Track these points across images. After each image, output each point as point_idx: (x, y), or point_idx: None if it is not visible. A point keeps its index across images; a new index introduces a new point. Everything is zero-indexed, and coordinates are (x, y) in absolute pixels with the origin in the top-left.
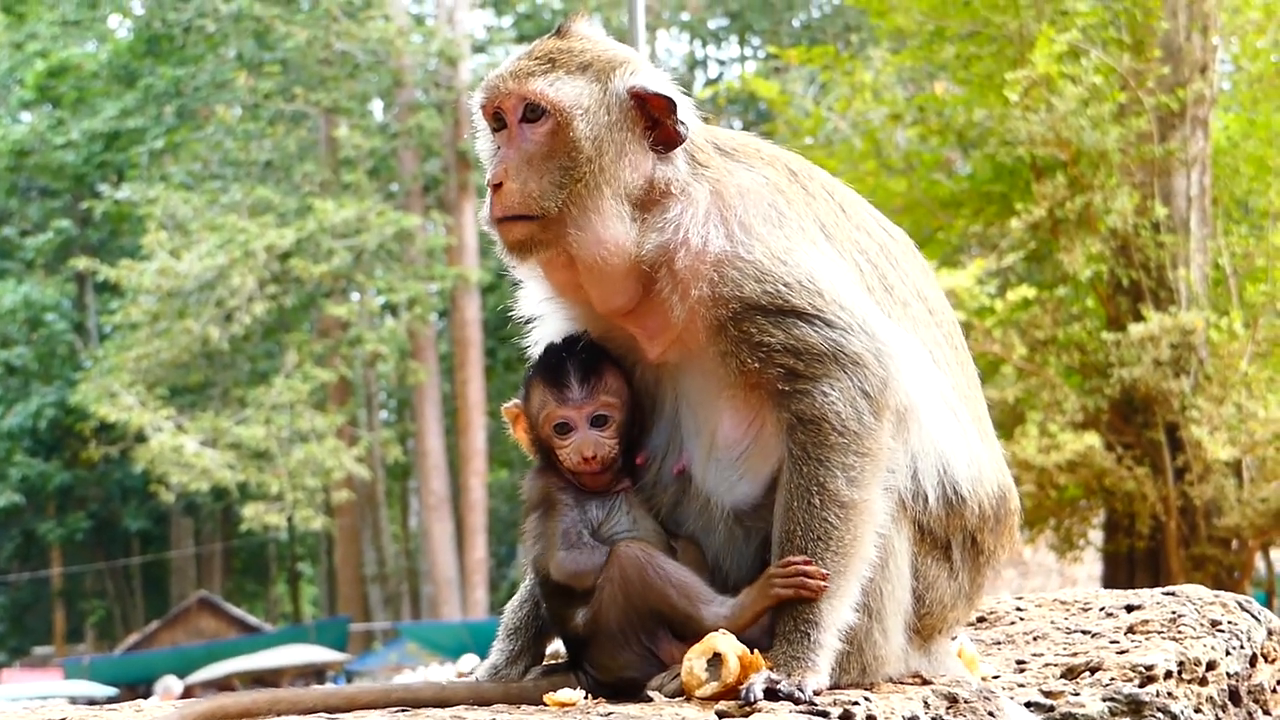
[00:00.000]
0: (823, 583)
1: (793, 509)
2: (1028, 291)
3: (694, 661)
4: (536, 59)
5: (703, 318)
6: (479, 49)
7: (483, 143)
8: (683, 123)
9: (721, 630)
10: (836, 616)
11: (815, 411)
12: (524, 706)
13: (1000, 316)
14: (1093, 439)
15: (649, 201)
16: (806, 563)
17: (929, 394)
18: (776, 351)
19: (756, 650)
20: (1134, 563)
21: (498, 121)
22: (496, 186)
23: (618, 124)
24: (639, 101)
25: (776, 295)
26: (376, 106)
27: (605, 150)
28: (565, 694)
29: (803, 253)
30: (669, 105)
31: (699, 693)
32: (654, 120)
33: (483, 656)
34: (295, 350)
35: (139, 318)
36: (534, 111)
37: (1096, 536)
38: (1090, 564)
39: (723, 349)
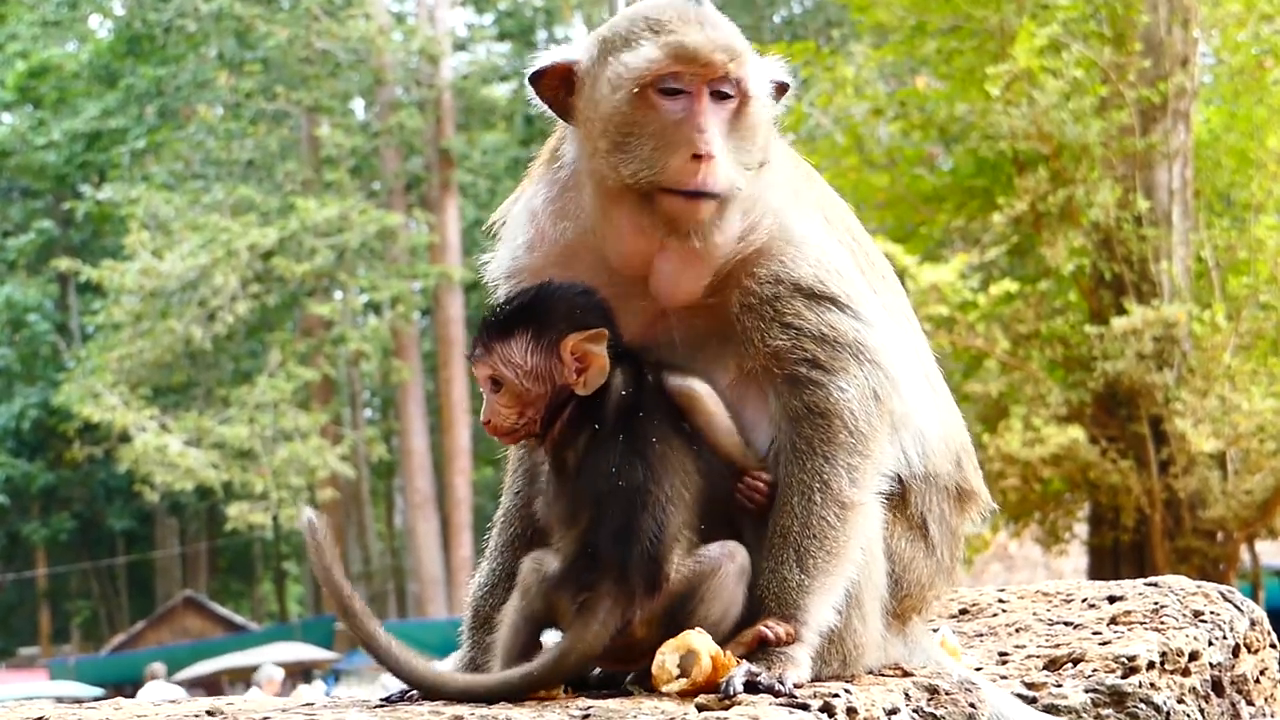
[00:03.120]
0: (785, 648)
1: (791, 504)
2: (1010, 286)
3: (666, 656)
4: (725, 29)
5: (748, 291)
6: (460, 47)
7: (619, 107)
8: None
9: (699, 629)
10: (820, 614)
11: (829, 405)
12: (501, 701)
13: (983, 311)
14: (1077, 432)
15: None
16: (774, 628)
17: (919, 382)
18: (805, 335)
19: (729, 653)
20: (1119, 556)
21: (671, 88)
22: (710, 157)
23: (768, 110)
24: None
25: (822, 281)
26: (358, 105)
27: (767, 133)
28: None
29: (831, 242)
30: (781, 88)
31: (666, 688)
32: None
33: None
34: (278, 349)
35: (122, 318)
36: (727, 87)
37: (1081, 530)
38: (1075, 557)
39: (749, 324)
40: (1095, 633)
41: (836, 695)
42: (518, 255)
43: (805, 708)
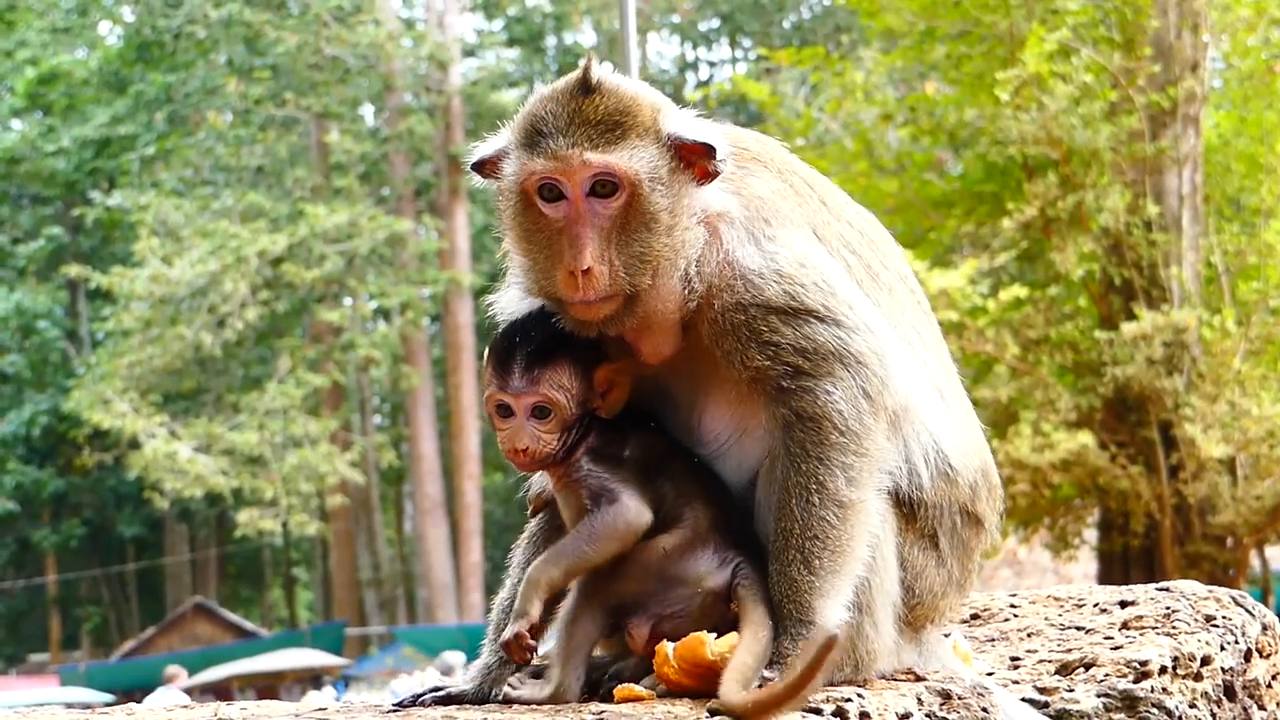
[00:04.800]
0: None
1: (790, 507)
2: (1020, 291)
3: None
4: (600, 124)
5: (716, 323)
6: (469, 53)
7: (513, 210)
8: (722, 161)
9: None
10: (831, 615)
11: (817, 409)
12: (519, 705)
13: (993, 316)
14: (1086, 438)
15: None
16: None
17: (922, 387)
18: (785, 350)
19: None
20: (1129, 561)
21: (552, 192)
22: (585, 271)
23: (680, 185)
24: (681, 150)
25: (793, 297)
26: (367, 111)
27: (677, 213)
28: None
29: (816, 255)
30: (708, 151)
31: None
32: (690, 162)
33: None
34: (288, 356)
35: (131, 324)
36: (606, 186)
37: (1091, 535)
38: (1085, 563)
39: (728, 348)
40: (1107, 637)
41: (849, 700)
42: (526, 301)
43: (818, 712)
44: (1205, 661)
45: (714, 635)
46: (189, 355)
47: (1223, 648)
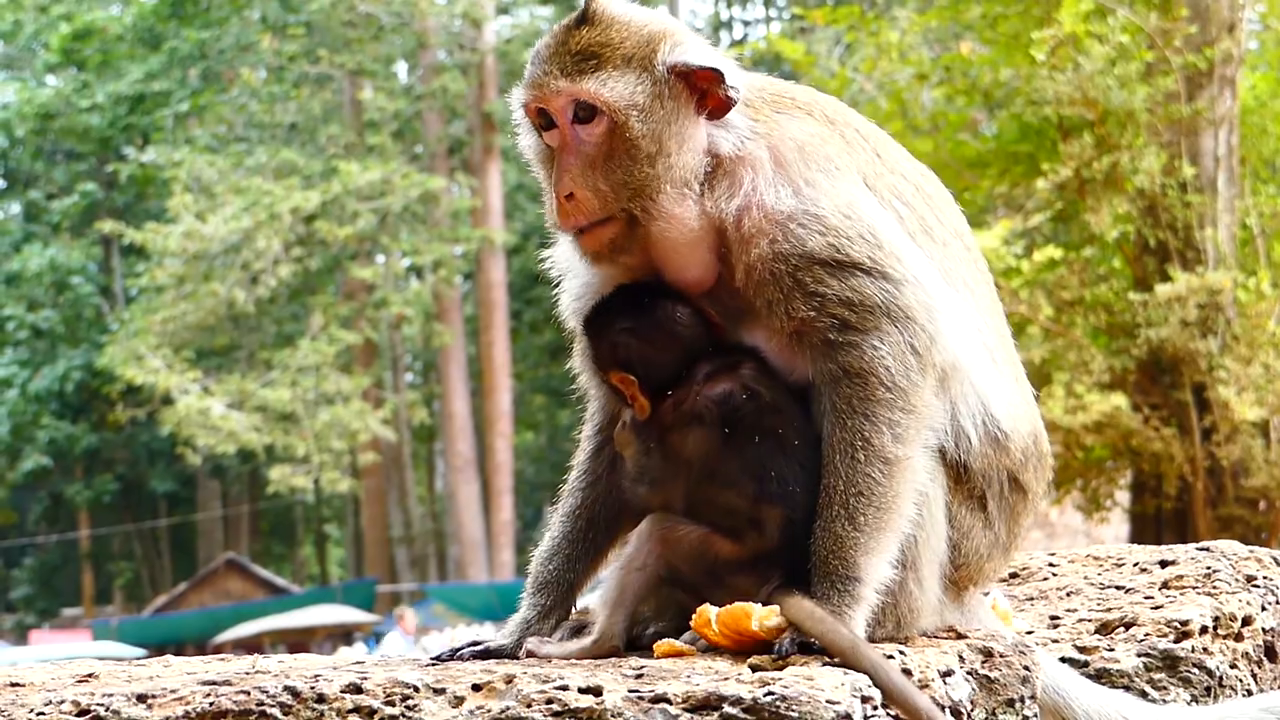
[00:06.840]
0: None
1: (834, 463)
2: (1054, 252)
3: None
4: (578, 54)
5: (754, 270)
6: (503, 10)
7: (527, 139)
8: (733, 88)
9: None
10: (875, 572)
11: (863, 364)
12: (555, 660)
13: (1027, 277)
14: (1120, 400)
15: (715, 168)
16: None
17: (972, 346)
18: (830, 301)
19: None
20: (1161, 524)
21: (544, 119)
22: (568, 196)
23: (670, 110)
24: (684, 77)
25: (838, 249)
26: (401, 68)
27: (665, 140)
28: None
29: (863, 205)
30: (716, 76)
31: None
32: (701, 90)
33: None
34: (321, 313)
35: (165, 281)
36: (586, 111)
37: (1123, 498)
38: (1117, 525)
39: (771, 298)
40: (1147, 597)
41: (891, 656)
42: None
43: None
44: (1246, 622)
45: (759, 606)
46: (222, 312)
47: (1264, 608)
